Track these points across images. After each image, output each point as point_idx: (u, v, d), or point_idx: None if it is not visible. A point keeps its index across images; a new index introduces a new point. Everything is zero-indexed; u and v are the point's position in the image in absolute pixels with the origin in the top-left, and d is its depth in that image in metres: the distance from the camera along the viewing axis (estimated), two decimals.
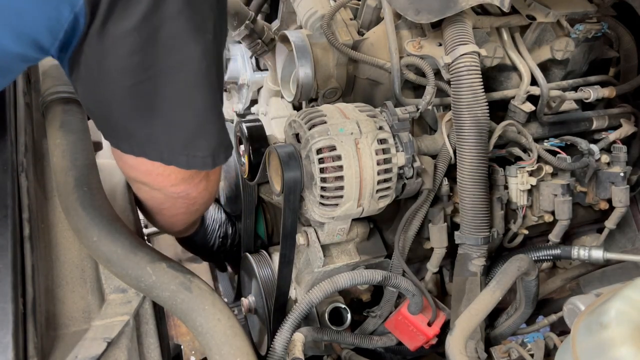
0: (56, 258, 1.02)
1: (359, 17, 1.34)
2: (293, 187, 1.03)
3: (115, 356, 0.93)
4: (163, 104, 0.80)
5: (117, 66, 0.76)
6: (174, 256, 2.78)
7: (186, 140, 0.84)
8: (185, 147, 0.84)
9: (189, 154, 0.85)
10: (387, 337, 1.26)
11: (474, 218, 1.12)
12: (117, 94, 0.79)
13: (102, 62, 0.76)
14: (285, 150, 1.04)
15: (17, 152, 1.01)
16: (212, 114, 0.85)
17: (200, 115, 0.84)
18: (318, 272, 1.16)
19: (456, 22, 1.12)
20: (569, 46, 1.25)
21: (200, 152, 0.85)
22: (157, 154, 0.85)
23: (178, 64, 0.78)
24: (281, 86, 1.42)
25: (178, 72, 0.79)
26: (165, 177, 0.92)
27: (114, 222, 0.94)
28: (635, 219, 1.47)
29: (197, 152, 0.85)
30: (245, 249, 1.44)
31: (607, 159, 1.30)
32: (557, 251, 1.23)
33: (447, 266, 1.35)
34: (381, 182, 1.03)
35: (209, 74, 0.82)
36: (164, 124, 0.82)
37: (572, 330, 0.76)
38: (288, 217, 1.08)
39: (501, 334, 1.23)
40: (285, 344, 1.03)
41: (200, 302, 0.89)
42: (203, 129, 0.85)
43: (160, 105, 0.80)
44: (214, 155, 0.87)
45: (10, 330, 0.80)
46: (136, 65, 0.76)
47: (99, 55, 0.76)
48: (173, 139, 0.84)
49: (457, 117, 1.10)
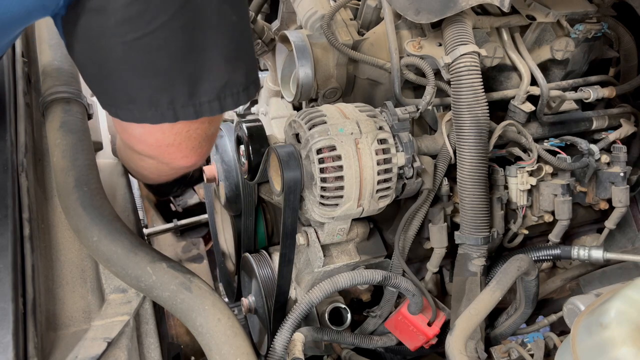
0: (56, 258, 1.03)
1: (359, 17, 1.34)
2: (293, 187, 1.03)
3: (115, 356, 0.93)
4: (164, 61, 0.74)
5: (115, 18, 0.70)
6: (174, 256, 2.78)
7: (190, 89, 0.77)
8: (190, 96, 0.78)
9: (195, 102, 0.78)
10: (387, 337, 1.26)
11: (474, 218, 1.12)
12: (115, 51, 0.73)
13: (99, 15, 0.70)
14: (285, 150, 1.04)
15: (17, 152, 1.01)
16: (217, 52, 0.77)
17: (199, 58, 0.76)
18: (318, 272, 1.16)
19: (456, 22, 1.12)
20: (569, 46, 1.25)
21: (205, 97, 0.78)
22: (159, 116, 0.78)
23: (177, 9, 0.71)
24: (281, 86, 1.42)
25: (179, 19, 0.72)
26: (175, 148, 0.86)
27: (114, 222, 0.94)
28: (635, 219, 1.47)
29: (201, 97, 0.78)
30: (245, 249, 1.44)
31: (607, 159, 1.30)
32: (557, 251, 1.23)
33: (447, 266, 1.35)
34: (381, 182, 1.03)
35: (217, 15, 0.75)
36: (165, 82, 0.76)
37: (572, 330, 0.76)
38: (288, 217, 1.08)
39: (501, 334, 1.23)
40: (285, 343, 1.03)
41: (200, 302, 0.89)
42: (205, 70, 0.77)
43: (162, 63, 0.75)
44: (220, 98, 0.79)
45: (10, 330, 0.80)
46: (135, 16, 0.70)
47: (97, 4, 0.70)
48: (176, 92, 0.77)
49: (457, 117, 1.10)
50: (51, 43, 1.27)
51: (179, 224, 2.90)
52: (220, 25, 0.76)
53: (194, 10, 0.72)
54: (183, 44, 0.74)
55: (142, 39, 0.71)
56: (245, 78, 0.81)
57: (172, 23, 0.72)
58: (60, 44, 1.27)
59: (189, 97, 0.77)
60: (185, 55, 0.74)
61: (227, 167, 1.34)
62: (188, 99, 0.77)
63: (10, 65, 1.16)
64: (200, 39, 0.74)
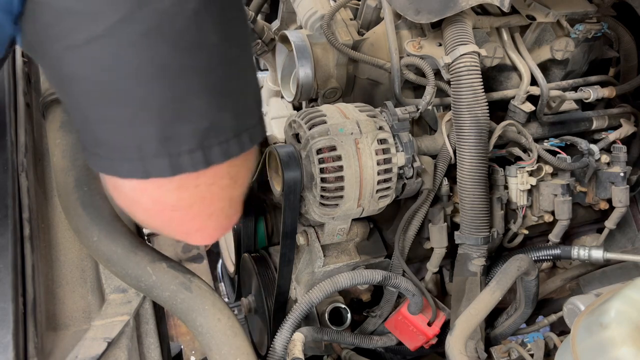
0: (56, 258, 1.03)
1: (359, 17, 1.34)
2: (293, 187, 1.03)
3: (115, 356, 0.93)
4: (122, 79, 0.54)
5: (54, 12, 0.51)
6: (174, 256, 2.78)
7: (162, 129, 0.55)
8: (163, 141, 0.56)
9: (170, 151, 0.56)
10: (387, 337, 1.26)
11: (474, 218, 1.12)
12: (62, 63, 0.54)
13: (42, 9, 0.52)
14: (285, 150, 1.04)
15: (17, 152, 1.01)
16: (195, 81, 0.56)
17: (171, 85, 0.55)
18: (318, 272, 1.16)
19: (456, 22, 1.12)
20: (569, 46, 1.25)
21: (184, 144, 0.56)
22: (127, 167, 0.58)
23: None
24: (281, 86, 1.42)
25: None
26: (184, 214, 0.64)
27: (114, 222, 0.94)
28: (635, 219, 1.47)
29: (180, 144, 0.56)
30: (245, 249, 1.44)
31: (607, 159, 1.30)
32: (557, 251, 1.23)
33: (447, 266, 1.35)
34: (381, 182, 1.03)
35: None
36: (128, 112, 0.55)
37: (572, 330, 0.76)
38: (288, 217, 1.08)
39: (501, 334, 1.23)
40: (285, 343, 1.03)
41: (200, 302, 0.89)
42: (180, 104, 0.55)
43: (119, 82, 0.54)
44: (204, 147, 0.57)
45: (10, 330, 0.80)
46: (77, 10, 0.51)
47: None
48: (143, 132, 0.55)
49: (457, 117, 1.10)
50: None
51: None
52: (195, 43, 0.54)
53: (158, 15, 0.52)
54: (145, 60, 0.53)
55: (90, 43, 0.51)
56: (236, 121, 0.59)
57: (128, 26, 0.51)
58: None
59: (162, 142, 0.55)
60: (149, 77, 0.53)
61: None
62: (160, 144, 0.55)
63: (10, 65, 1.16)
64: (169, 57, 0.53)
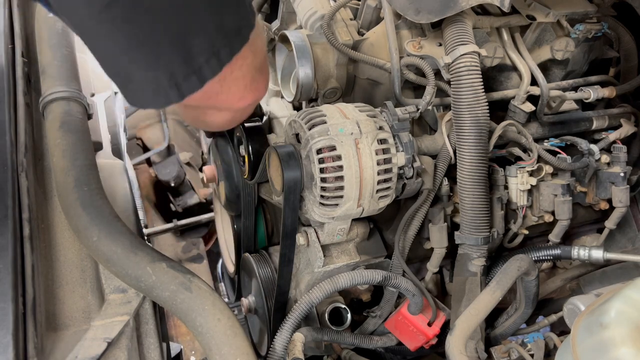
0: (56, 258, 1.03)
1: (359, 17, 1.34)
2: (293, 187, 1.03)
3: (115, 356, 0.93)
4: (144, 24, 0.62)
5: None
6: (174, 256, 2.78)
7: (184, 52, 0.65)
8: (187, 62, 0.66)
9: (194, 68, 0.66)
10: (387, 337, 1.26)
11: (474, 218, 1.12)
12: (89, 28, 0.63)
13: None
14: (285, 150, 1.04)
15: (17, 152, 1.01)
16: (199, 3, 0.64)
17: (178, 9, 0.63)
18: (318, 272, 1.16)
19: (456, 22, 1.12)
20: (569, 46, 1.25)
21: (201, 56, 0.66)
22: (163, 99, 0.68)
23: None
24: (281, 86, 1.42)
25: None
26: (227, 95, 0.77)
27: (114, 222, 0.94)
28: (635, 219, 1.47)
29: (199, 58, 0.66)
30: (245, 249, 1.44)
31: (607, 159, 1.30)
32: (557, 251, 1.23)
33: (447, 266, 1.35)
34: (381, 182, 1.03)
35: None
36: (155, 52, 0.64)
37: (572, 330, 0.76)
38: (288, 217, 1.08)
39: (501, 334, 1.23)
40: (285, 344, 1.03)
41: (200, 302, 0.89)
42: (189, 22, 0.64)
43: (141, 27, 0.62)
44: (215, 53, 0.67)
45: (10, 330, 0.80)
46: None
47: None
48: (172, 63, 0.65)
49: (457, 117, 1.10)
50: (51, 43, 1.27)
51: (179, 224, 2.90)
52: None
53: None
54: (154, 3, 0.61)
55: (110, 6, 0.59)
56: (233, 22, 0.69)
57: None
58: (60, 43, 1.27)
59: (186, 63, 0.65)
60: (162, 13, 0.62)
61: (227, 167, 1.34)
62: (186, 66, 0.66)
63: (10, 65, 1.16)
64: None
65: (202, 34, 0.65)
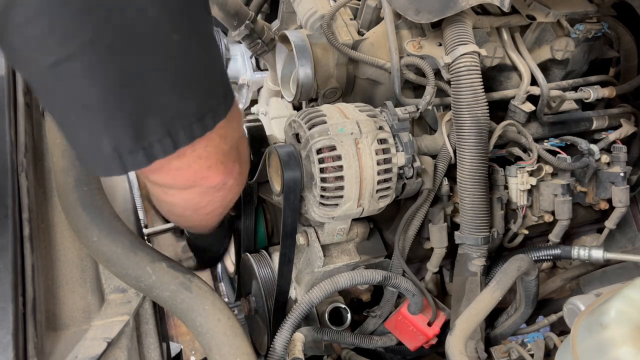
0: (56, 258, 1.02)
1: (359, 17, 1.34)
2: (293, 187, 1.03)
3: (115, 356, 0.93)
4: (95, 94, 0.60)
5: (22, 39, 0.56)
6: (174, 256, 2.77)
7: (135, 129, 0.62)
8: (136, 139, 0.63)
9: (144, 145, 0.63)
10: (387, 337, 1.26)
11: (474, 218, 1.12)
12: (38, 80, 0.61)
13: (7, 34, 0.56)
14: (285, 150, 1.04)
15: (17, 152, 1.01)
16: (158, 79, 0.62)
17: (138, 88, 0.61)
18: (318, 272, 1.16)
19: (456, 22, 1.12)
20: (569, 46, 1.25)
21: (154, 135, 0.63)
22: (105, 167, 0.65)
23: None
24: (281, 86, 1.42)
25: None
26: (186, 170, 0.73)
27: (114, 222, 0.94)
28: (635, 219, 1.47)
29: (150, 137, 0.63)
30: (245, 249, 1.44)
31: (607, 159, 1.30)
32: (557, 251, 1.23)
33: (447, 266, 1.35)
34: (381, 182, 1.03)
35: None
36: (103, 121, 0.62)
37: (572, 330, 0.76)
38: (288, 217, 1.08)
39: (501, 334, 1.23)
40: (285, 344, 1.03)
41: (200, 302, 0.89)
42: (148, 102, 0.62)
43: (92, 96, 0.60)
44: (171, 134, 0.64)
45: (10, 330, 0.80)
46: (44, 36, 0.56)
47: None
48: (119, 135, 0.62)
49: (457, 117, 1.10)
50: None
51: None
52: (157, 45, 0.61)
53: (120, 29, 0.57)
54: (114, 72, 0.59)
55: (61, 65, 0.57)
56: (197, 108, 0.66)
57: (92, 46, 0.56)
58: None
59: (136, 140, 0.62)
60: (120, 85, 0.60)
61: None
62: (134, 142, 0.62)
63: (9, 65, 1.16)
64: (134, 64, 0.60)
65: (159, 116, 0.63)
